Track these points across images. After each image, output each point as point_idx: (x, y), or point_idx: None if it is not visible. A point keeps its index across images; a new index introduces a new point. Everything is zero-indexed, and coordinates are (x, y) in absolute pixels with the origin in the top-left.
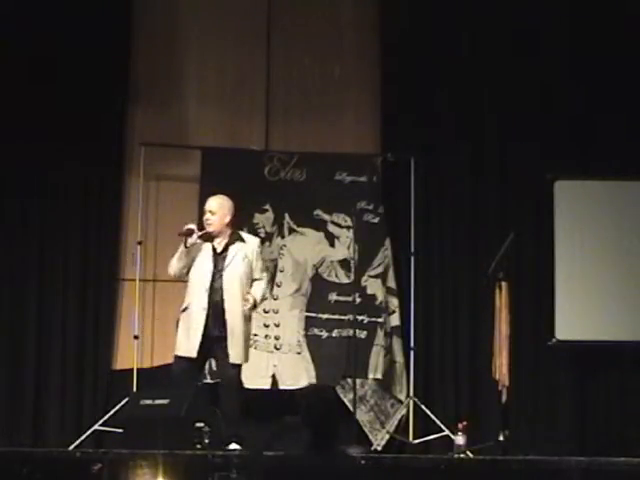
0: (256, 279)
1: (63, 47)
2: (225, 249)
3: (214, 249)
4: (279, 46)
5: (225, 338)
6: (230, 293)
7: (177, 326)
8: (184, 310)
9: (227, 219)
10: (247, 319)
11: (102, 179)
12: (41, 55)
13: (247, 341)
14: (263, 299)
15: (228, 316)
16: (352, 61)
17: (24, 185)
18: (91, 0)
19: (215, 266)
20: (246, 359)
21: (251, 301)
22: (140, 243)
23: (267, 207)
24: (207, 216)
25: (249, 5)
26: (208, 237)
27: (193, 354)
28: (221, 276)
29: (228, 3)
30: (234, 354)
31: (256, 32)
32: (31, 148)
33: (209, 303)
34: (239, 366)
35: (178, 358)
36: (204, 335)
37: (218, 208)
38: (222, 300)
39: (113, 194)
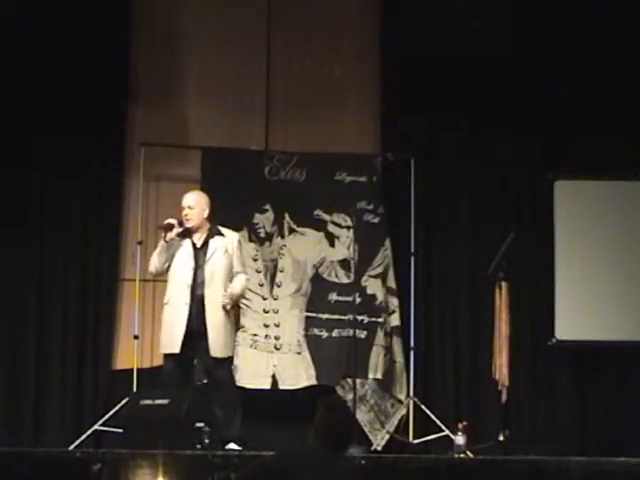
0: (237, 272)
1: (63, 47)
2: (205, 244)
3: (194, 244)
4: (279, 46)
5: (206, 333)
6: (211, 287)
7: None
8: (165, 305)
9: (205, 213)
10: (230, 312)
11: (102, 179)
12: (41, 55)
13: (231, 335)
14: (243, 293)
15: (208, 310)
16: (352, 61)
17: (24, 185)
18: (91, 0)
19: (196, 261)
20: (230, 352)
21: (228, 296)
22: (140, 243)
23: (267, 207)
24: (186, 211)
25: (249, 5)
26: (186, 233)
27: (176, 350)
28: (202, 270)
29: (228, 3)
30: (215, 348)
31: (256, 32)
32: (31, 148)
33: (191, 298)
34: (228, 363)
35: (166, 357)
36: (187, 330)
37: (196, 203)
38: (203, 294)
39: (113, 194)
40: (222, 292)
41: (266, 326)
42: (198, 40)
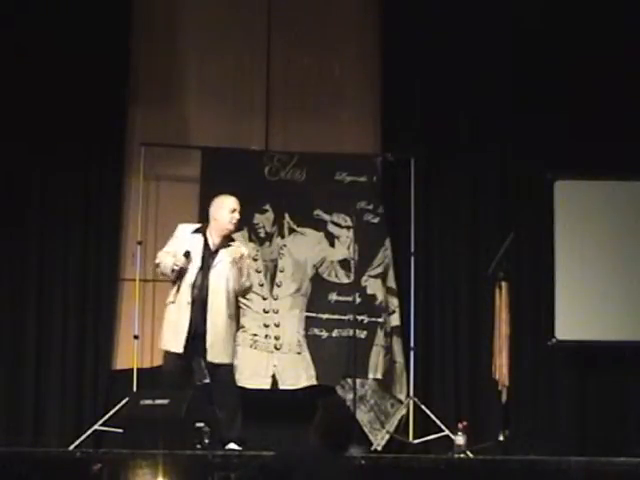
0: (244, 281)
1: (63, 47)
2: (217, 249)
3: (207, 246)
4: (279, 46)
5: (205, 335)
6: (215, 291)
7: None
8: (171, 303)
9: None
10: (231, 318)
11: (102, 179)
12: (41, 55)
13: (230, 342)
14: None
15: (209, 315)
16: (352, 61)
17: (24, 185)
18: (91, 0)
19: (203, 262)
20: (229, 359)
21: (239, 252)
22: (140, 243)
23: (267, 207)
24: (236, 215)
25: (249, 5)
26: (202, 230)
27: (180, 349)
28: (207, 273)
29: (228, 3)
30: (212, 353)
31: (256, 32)
32: (31, 148)
33: (194, 298)
34: (228, 365)
35: (167, 355)
36: (189, 330)
37: (239, 206)
38: (206, 297)
39: (113, 194)
40: (225, 298)
41: (266, 326)
42: (198, 40)
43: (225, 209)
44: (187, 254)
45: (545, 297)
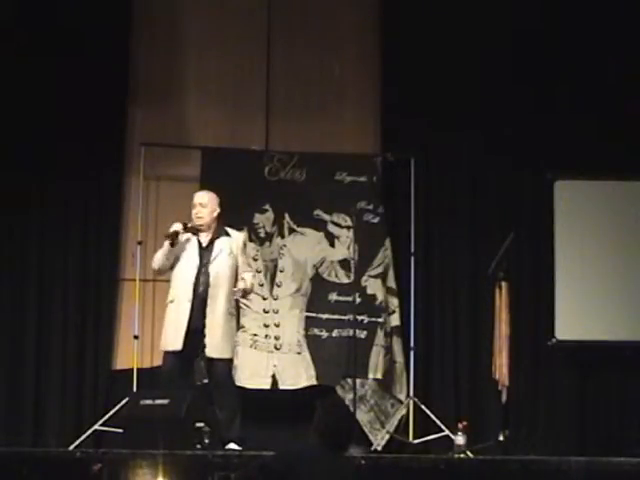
0: (243, 272)
1: (63, 47)
2: (211, 243)
3: (200, 243)
4: (279, 46)
5: (204, 331)
6: (214, 287)
7: None
8: (170, 302)
9: (215, 213)
10: (232, 314)
11: (102, 179)
12: (41, 55)
13: (230, 337)
14: (252, 288)
15: (209, 310)
16: (352, 61)
17: (24, 185)
18: (91, 0)
19: (201, 260)
20: (229, 355)
21: (241, 287)
22: (140, 243)
23: (267, 207)
24: (198, 209)
25: (249, 5)
26: (194, 230)
27: (178, 347)
28: (207, 270)
29: (228, 3)
30: (211, 348)
31: (256, 32)
32: (31, 148)
33: (194, 296)
34: (228, 363)
35: (166, 354)
36: (189, 328)
37: (208, 201)
38: (206, 294)
39: (113, 194)
40: (225, 292)
41: (266, 326)
42: (198, 40)
43: (193, 204)
44: (185, 225)
45: (545, 297)
